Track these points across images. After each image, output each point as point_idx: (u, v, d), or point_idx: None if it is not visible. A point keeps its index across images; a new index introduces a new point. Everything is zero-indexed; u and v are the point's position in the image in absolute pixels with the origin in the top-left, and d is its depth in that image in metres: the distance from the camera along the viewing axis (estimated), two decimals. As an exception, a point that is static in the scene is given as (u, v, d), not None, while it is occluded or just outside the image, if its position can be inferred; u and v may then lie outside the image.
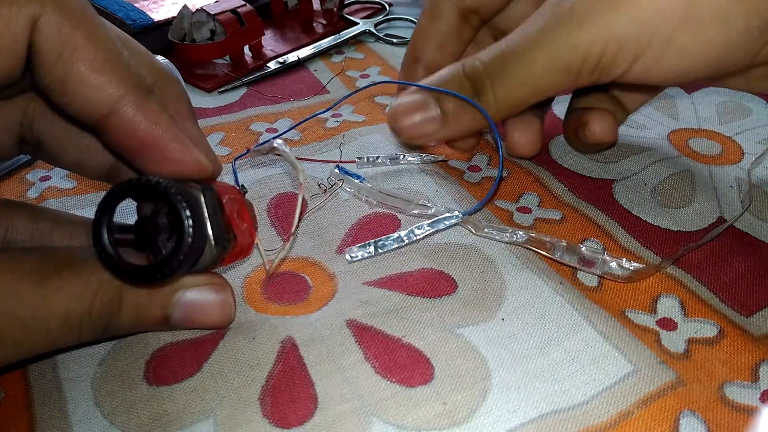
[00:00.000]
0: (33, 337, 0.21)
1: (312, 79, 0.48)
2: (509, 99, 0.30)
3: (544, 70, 0.29)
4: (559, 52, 0.28)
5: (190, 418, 0.23)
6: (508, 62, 0.30)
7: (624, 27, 0.27)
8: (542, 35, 0.29)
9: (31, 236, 0.26)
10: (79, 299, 0.22)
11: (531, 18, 0.30)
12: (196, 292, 0.25)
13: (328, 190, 0.35)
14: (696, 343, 0.27)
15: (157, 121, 0.23)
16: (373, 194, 0.34)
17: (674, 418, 0.23)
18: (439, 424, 0.23)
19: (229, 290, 0.26)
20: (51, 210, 0.27)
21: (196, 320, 0.25)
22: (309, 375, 0.25)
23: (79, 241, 0.27)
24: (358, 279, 0.30)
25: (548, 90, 0.30)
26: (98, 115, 0.22)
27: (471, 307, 0.28)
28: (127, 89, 0.22)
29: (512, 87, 0.30)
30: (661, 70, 0.28)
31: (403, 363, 0.25)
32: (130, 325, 0.24)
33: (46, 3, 0.20)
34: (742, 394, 0.25)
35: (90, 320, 0.22)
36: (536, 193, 0.35)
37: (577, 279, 0.30)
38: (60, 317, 0.21)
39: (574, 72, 0.28)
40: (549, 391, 0.24)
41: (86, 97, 0.21)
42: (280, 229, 0.33)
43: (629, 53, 0.27)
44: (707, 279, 0.30)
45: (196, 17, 0.47)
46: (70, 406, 0.24)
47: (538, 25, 0.29)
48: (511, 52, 0.30)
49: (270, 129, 0.41)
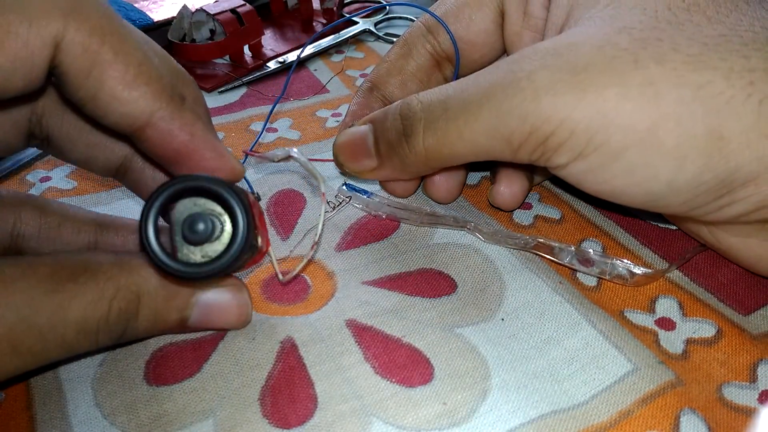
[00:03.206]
0: (49, 345, 0.21)
1: (312, 79, 0.48)
2: (439, 151, 0.27)
3: (485, 130, 0.25)
4: (505, 119, 0.25)
5: (190, 418, 0.23)
6: (449, 110, 0.26)
7: (582, 116, 0.24)
8: (492, 93, 0.25)
9: (39, 230, 0.26)
10: (96, 306, 0.22)
11: (487, 69, 0.27)
12: (213, 294, 0.25)
13: (337, 208, 0.34)
14: (694, 343, 0.27)
15: (192, 132, 0.23)
16: (382, 208, 0.33)
17: (675, 416, 0.24)
18: (439, 424, 0.23)
19: (246, 291, 0.26)
20: (59, 204, 0.27)
21: (214, 322, 0.25)
22: (309, 375, 0.25)
23: (87, 237, 0.27)
24: (357, 278, 0.30)
25: (484, 154, 0.27)
26: (133, 128, 0.22)
27: (471, 307, 0.28)
28: (161, 102, 0.22)
29: (446, 138, 0.27)
30: (598, 180, 0.25)
31: (402, 363, 0.25)
32: (146, 329, 0.24)
33: (69, 20, 0.20)
34: (741, 394, 0.25)
35: (107, 326, 0.22)
36: (535, 191, 0.35)
37: (576, 279, 0.30)
38: (76, 324, 0.21)
39: (515, 144, 0.25)
40: (549, 391, 0.24)
41: (120, 113, 0.21)
42: (279, 227, 0.33)
43: (577, 147, 0.24)
44: (705, 280, 0.30)
45: (196, 17, 0.47)
46: (70, 406, 0.24)
47: (490, 80, 0.26)
48: (456, 99, 0.26)
49: (270, 129, 0.41)
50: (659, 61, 0.23)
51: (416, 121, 0.27)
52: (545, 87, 0.24)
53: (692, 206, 0.25)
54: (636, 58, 0.24)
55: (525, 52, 0.26)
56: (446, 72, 0.35)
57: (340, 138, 0.31)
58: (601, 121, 0.24)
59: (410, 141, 0.28)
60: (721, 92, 0.23)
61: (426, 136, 0.27)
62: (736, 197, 0.24)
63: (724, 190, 0.24)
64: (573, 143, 0.24)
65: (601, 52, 0.24)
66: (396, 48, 0.35)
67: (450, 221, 0.32)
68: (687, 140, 0.23)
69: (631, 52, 0.24)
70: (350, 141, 0.30)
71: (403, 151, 0.28)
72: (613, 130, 0.24)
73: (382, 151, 0.29)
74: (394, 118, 0.28)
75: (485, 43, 0.33)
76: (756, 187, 0.24)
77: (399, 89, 0.34)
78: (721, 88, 0.23)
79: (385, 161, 0.29)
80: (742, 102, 0.23)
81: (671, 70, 0.23)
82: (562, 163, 0.25)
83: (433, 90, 0.28)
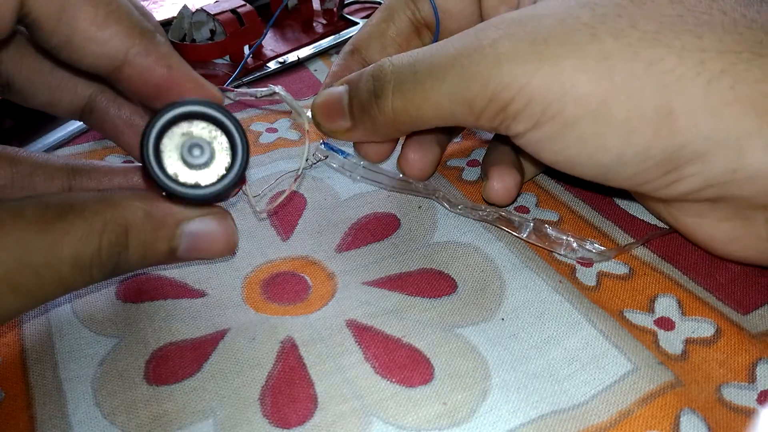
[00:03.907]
0: (46, 283, 0.21)
1: (312, 79, 0.48)
2: (406, 112, 0.28)
3: (449, 94, 0.26)
4: (468, 83, 0.26)
5: (190, 418, 0.23)
6: (417, 72, 0.27)
7: (539, 85, 0.25)
8: (458, 58, 0.26)
9: (11, 180, 0.26)
10: (87, 241, 0.22)
11: (456, 36, 0.27)
12: (199, 223, 0.25)
13: (313, 165, 0.35)
14: (693, 343, 0.27)
15: (169, 64, 0.23)
16: (356, 169, 0.34)
17: (675, 416, 0.24)
18: (439, 424, 0.23)
19: (230, 218, 0.26)
20: (29, 152, 0.27)
21: (202, 250, 0.25)
22: (309, 375, 0.25)
23: (60, 183, 0.27)
24: (357, 279, 0.30)
25: (449, 118, 0.27)
26: (110, 68, 0.22)
27: (471, 307, 0.28)
28: (134, 38, 0.22)
29: (413, 101, 0.27)
30: (553, 149, 0.26)
31: (403, 363, 0.25)
32: (138, 260, 0.24)
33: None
34: (740, 395, 0.25)
35: (100, 260, 0.22)
36: (534, 193, 0.35)
37: (576, 278, 0.30)
38: (70, 260, 0.22)
39: (477, 110, 0.26)
40: (549, 391, 0.24)
41: (96, 54, 0.22)
42: (280, 228, 0.33)
43: (533, 115, 0.25)
44: (703, 280, 0.30)
45: (196, 17, 0.47)
46: (70, 406, 0.24)
47: (457, 46, 0.26)
48: (424, 63, 0.27)
49: (270, 129, 0.41)
50: (616, 36, 0.24)
51: (386, 82, 0.28)
52: (506, 54, 0.25)
53: (640, 180, 0.26)
54: (594, 32, 0.24)
55: (492, 20, 0.27)
56: (425, 39, 0.35)
57: (318, 98, 0.31)
58: (557, 91, 0.24)
59: (380, 102, 0.28)
60: (671, 69, 0.24)
61: (395, 98, 0.28)
62: (683, 174, 0.25)
63: (671, 166, 0.25)
64: (530, 111, 0.25)
65: (562, 24, 0.25)
66: (378, 13, 0.36)
67: (420, 188, 0.33)
68: (636, 114, 0.24)
69: (590, 26, 0.25)
70: (327, 101, 0.31)
71: (373, 111, 0.29)
72: (567, 100, 0.24)
73: (354, 112, 0.30)
74: (367, 79, 0.29)
75: (463, 14, 0.34)
76: (702, 165, 0.24)
77: (379, 53, 0.34)
78: (672, 65, 0.24)
79: (358, 122, 0.30)
80: (692, 79, 0.23)
81: (626, 46, 0.24)
82: (520, 131, 0.26)
83: (405, 53, 0.28)
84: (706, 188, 0.25)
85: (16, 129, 0.39)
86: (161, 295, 0.29)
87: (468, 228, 0.32)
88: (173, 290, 0.29)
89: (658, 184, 0.26)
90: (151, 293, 0.29)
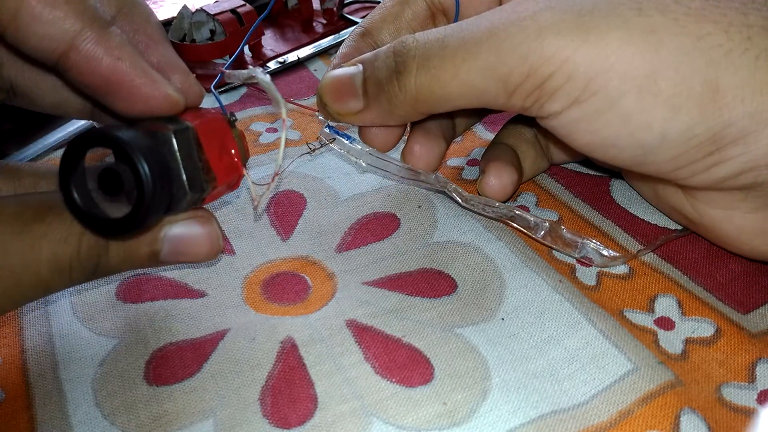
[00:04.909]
0: (24, 285, 0.21)
1: (312, 79, 0.48)
2: (431, 90, 0.26)
3: (482, 68, 0.25)
4: (505, 56, 0.24)
5: (190, 418, 0.23)
6: (446, 47, 0.26)
7: (583, 59, 0.24)
8: (494, 31, 0.25)
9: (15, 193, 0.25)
10: (65, 243, 0.21)
11: (488, 12, 0.26)
12: (181, 227, 0.24)
13: (317, 150, 0.33)
14: (693, 343, 0.27)
15: (120, 55, 0.22)
16: (363, 156, 0.33)
17: (675, 416, 0.24)
18: (439, 424, 0.23)
19: (215, 221, 0.25)
20: (30, 165, 0.27)
21: (185, 254, 0.25)
22: (309, 375, 0.25)
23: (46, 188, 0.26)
24: (357, 279, 0.30)
25: (477, 97, 0.26)
26: (56, 52, 0.21)
27: (471, 307, 0.28)
28: (84, 23, 0.21)
29: (440, 77, 0.26)
30: (590, 128, 0.25)
31: (402, 363, 0.25)
32: (119, 263, 0.23)
33: None
34: (739, 395, 0.25)
35: (79, 262, 0.22)
36: (533, 192, 0.35)
37: (575, 277, 0.30)
38: (49, 262, 0.21)
39: (511, 86, 0.25)
40: (549, 391, 0.24)
41: (41, 34, 0.21)
42: (280, 228, 0.33)
43: (573, 92, 0.24)
44: (703, 279, 0.30)
45: (196, 17, 0.47)
46: (70, 406, 0.24)
47: (492, 20, 0.25)
48: (454, 38, 0.26)
49: (270, 129, 0.41)
50: (662, 11, 0.24)
51: (410, 58, 0.27)
52: (549, 26, 0.24)
53: (680, 163, 0.25)
54: (640, 6, 0.24)
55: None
56: (440, 25, 0.34)
57: (326, 77, 0.30)
58: (602, 65, 0.24)
59: (401, 79, 0.27)
60: (719, 44, 0.23)
61: (419, 73, 0.26)
62: (725, 156, 0.24)
63: (713, 147, 0.24)
64: (570, 88, 0.24)
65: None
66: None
67: (431, 179, 0.32)
68: (684, 89, 0.23)
69: (636, 1, 0.24)
70: (337, 80, 0.29)
71: (393, 89, 0.27)
72: (612, 75, 0.24)
73: (369, 92, 0.28)
74: (387, 55, 0.28)
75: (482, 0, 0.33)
76: (745, 146, 0.24)
77: (392, 37, 0.33)
78: (720, 41, 0.23)
79: (372, 102, 0.28)
80: (739, 55, 0.23)
81: (673, 20, 0.24)
82: (555, 111, 0.25)
83: (430, 30, 0.27)
84: (745, 172, 0.24)
85: (15, 131, 0.39)
86: (161, 296, 0.29)
87: (468, 227, 0.32)
88: (173, 290, 0.29)
89: (697, 168, 0.25)
90: (151, 293, 0.29)
